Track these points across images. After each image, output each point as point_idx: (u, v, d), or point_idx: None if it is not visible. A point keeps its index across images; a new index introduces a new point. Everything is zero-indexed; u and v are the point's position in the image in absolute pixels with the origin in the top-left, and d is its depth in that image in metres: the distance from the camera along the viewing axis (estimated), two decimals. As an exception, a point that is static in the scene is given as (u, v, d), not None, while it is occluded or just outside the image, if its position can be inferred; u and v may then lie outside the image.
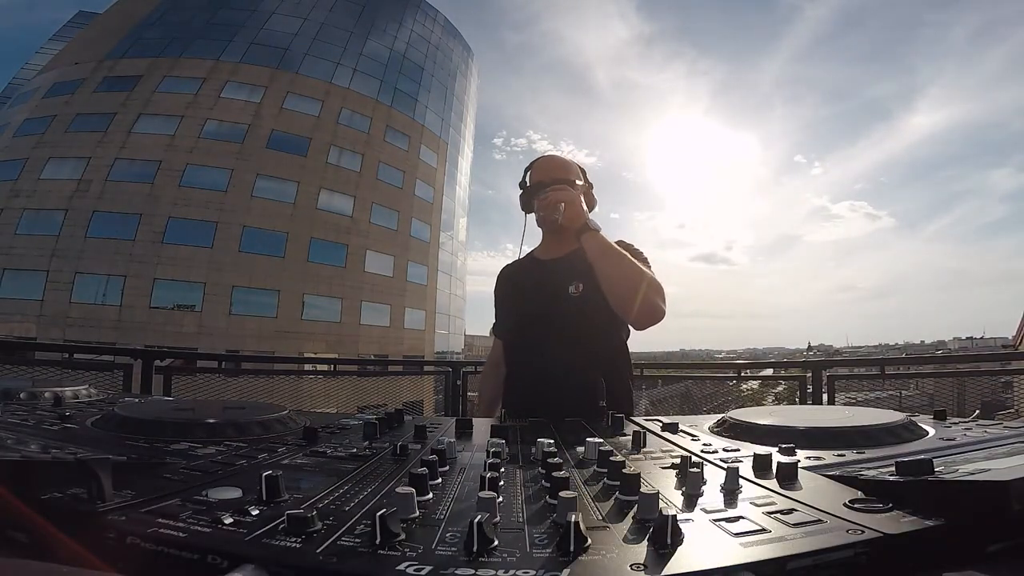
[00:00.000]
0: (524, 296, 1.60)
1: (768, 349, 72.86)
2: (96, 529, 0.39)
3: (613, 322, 1.47)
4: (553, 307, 1.50)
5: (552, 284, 1.53)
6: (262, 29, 24.14)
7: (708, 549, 0.36)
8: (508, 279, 1.71)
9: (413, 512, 0.41)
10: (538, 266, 1.64)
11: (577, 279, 1.49)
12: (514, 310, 1.63)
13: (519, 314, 1.60)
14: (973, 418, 0.85)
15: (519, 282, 1.65)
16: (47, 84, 22.63)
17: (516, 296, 1.63)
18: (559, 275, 1.53)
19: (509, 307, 1.66)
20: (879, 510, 0.42)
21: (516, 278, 1.68)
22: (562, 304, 1.49)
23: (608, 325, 1.48)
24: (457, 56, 31.66)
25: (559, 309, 1.49)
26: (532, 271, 1.64)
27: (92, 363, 3.51)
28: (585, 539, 0.35)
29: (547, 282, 1.54)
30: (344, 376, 4.56)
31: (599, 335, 1.48)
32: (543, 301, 1.53)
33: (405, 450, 0.66)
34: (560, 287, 1.51)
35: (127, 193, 19.69)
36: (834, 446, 0.66)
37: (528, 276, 1.63)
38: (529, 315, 1.55)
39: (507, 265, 1.76)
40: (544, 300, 1.53)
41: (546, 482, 0.50)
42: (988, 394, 3.71)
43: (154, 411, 0.83)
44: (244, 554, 0.34)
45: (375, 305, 23.02)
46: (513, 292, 1.66)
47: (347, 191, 23.17)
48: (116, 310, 18.88)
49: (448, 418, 1.04)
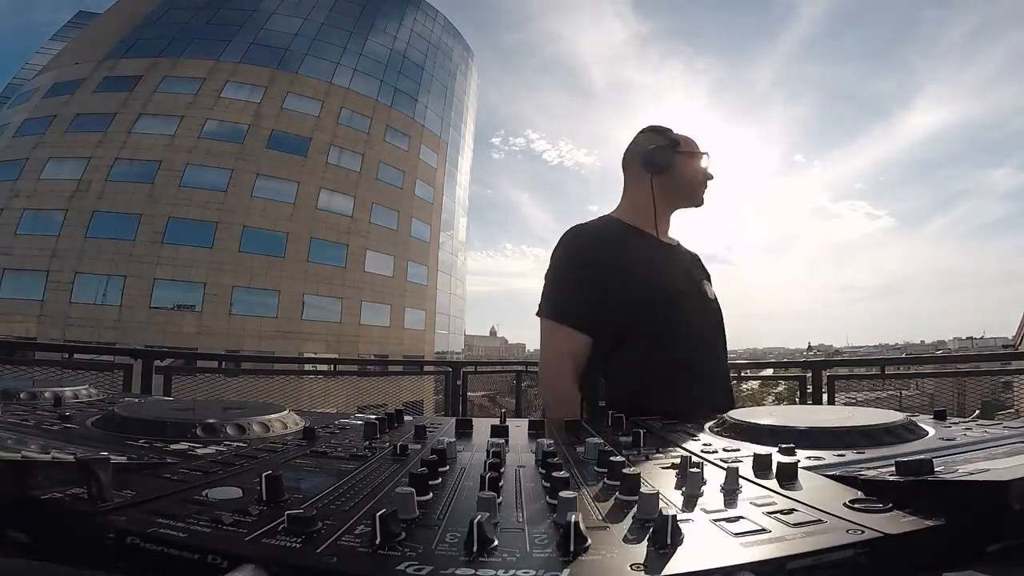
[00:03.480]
0: (666, 277, 1.30)
1: (768, 349, 72.86)
2: (96, 529, 0.39)
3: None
4: (701, 303, 1.34)
5: (689, 274, 1.35)
6: (262, 29, 24.15)
7: (708, 549, 0.36)
8: (624, 245, 1.31)
9: (413, 512, 0.41)
10: (661, 247, 1.37)
11: (703, 278, 1.41)
12: (665, 287, 1.28)
13: (671, 298, 1.27)
14: (973, 418, 0.85)
15: (648, 257, 1.32)
16: (47, 84, 22.64)
17: (655, 272, 1.29)
18: (689, 266, 1.39)
19: (648, 281, 1.27)
20: (879, 510, 0.42)
21: (636, 252, 1.31)
22: (707, 302, 1.36)
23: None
24: (457, 55, 31.67)
25: (706, 306, 1.35)
26: (656, 250, 1.35)
27: (92, 363, 3.51)
28: (585, 539, 0.35)
29: (683, 269, 1.35)
30: (344, 376, 4.57)
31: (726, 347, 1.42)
32: (694, 291, 1.33)
33: (405, 450, 0.66)
34: (698, 281, 1.37)
35: (127, 193, 19.70)
36: (834, 446, 0.66)
37: (656, 253, 1.34)
38: (685, 304, 1.28)
39: (603, 226, 1.36)
40: (694, 290, 1.33)
41: (546, 482, 0.50)
42: (988, 394, 3.72)
43: (154, 411, 0.83)
44: (244, 554, 0.34)
45: (375, 305, 23.02)
46: (647, 268, 1.29)
47: (347, 191, 23.17)
48: (116, 310, 18.88)
49: (448, 418, 1.04)
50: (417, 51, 28.38)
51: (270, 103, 22.53)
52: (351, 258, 22.65)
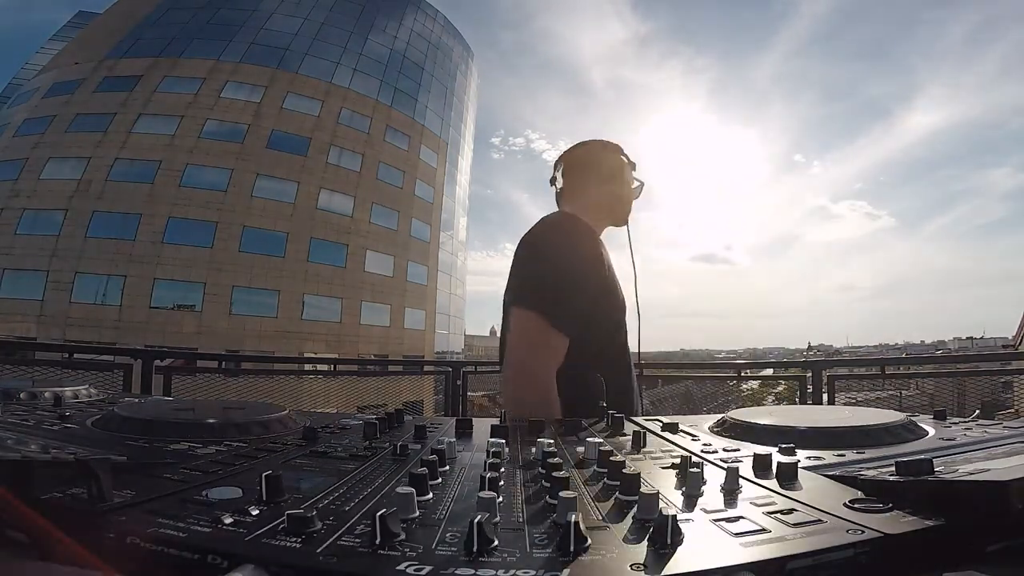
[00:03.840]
0: (617, 285, 1.34)
1: (768, 349, 72.96)
2: (96, 529, 0.39)
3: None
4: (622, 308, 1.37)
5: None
6: (262, 29, 24.15)
7: (708, 549, 0.36)
8: (600, 251, 1.33)
9: (413, 512, 0.41)
10: (606, 252, 1.38)
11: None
12: (620, 298, 1.34)
13: (621, 306, 1.34)
14: (973, 418, 0.85)
15: (608, 264, 1.34)
16: (47, 84, 22.63)
17: (614, 281, 1.34)
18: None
19: (613, 291, 1.32)
20: (879, 510, 0.42)
21: (605, 258, 1.34)
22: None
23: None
24: (457, 55, 31.67)
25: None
26: (605, 255, 1.36)
27: (92, 363, 3.51)
28: (585, 539, 0.35)
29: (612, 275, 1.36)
30: (344, 376, 4.57)
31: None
32: (622, 297, 1.36)
33: (405, 450, 0.66)
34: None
35: (127, 193, 19.70)
36: (834, 446, 0.66)
37: (606, 259, 1.35)
38: (623, 309, 1.34)
39: (586, 226, 1.34)
40: (623, 297, 1.36)
41: (546, 482, 0.50)
42: (988, 394, 3.72)
43: (154, 411, 0.83)
44: (244, 554, 0.34)
45: (375, 305, 23.02)
46: (610, 276, 1.33)
47: (347, 191, 23.17)
48: (116, 310, 18.88)
49: (448, 418, 1.04)
50: (417, 51, 28.38)
51: (270, 103, 22.53)
52: (351, 258, 22.65)
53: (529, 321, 1.19)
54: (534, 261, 1.26)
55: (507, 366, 1.22)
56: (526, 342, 1.20)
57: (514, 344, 1.21)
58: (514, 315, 1.22)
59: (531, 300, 1.20)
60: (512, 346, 1.21)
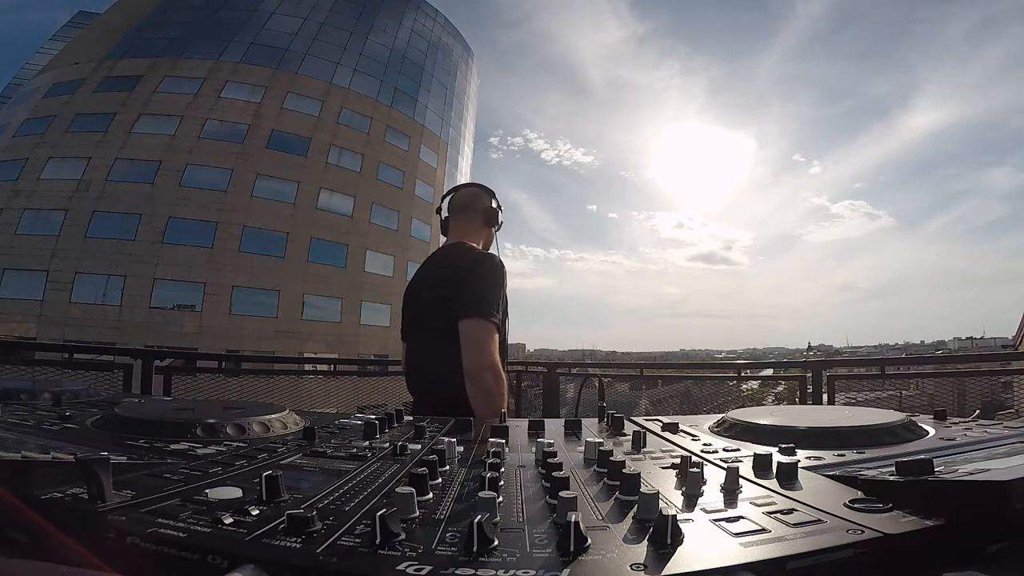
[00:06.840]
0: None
1: (768, 349, 73.01)
2: (96, 529, 0.39)
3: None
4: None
5: None
6: (262, 29, 24.14)
7: (708, 549, 0.36)
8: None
9: (413, 512, 0.41)
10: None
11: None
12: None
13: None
14: (973, 418, 0.85)
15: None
16: (47, 84, 22.63)
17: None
18: None
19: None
20: (879, 510, 0.42)
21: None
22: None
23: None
24: (457, 55, 31.67)
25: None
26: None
27: (92, 363, 3.51)
28: (585, 539, 0.35)
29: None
30: (344, 376, 4.57)
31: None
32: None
33: (405, 450, 0.66)
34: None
35: (127, 193, 19.69)
36: (834, 446, 0.66)
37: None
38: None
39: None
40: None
41: (546, 482, 0.50)
42: (988, 394, 3.71)
43: (154, 411, 0.83)
44: (244, 554, 0.34)
45: (375, 305, 23.00)
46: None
47: (347, 191, 23.16)
48: (116, 310, 18.87)
49: (448, 418, 1.04)
50: (417, 51, 28.37)
51: (270, 103, 22.52)
52: (351, 258, 22.64)
53: (488, 330, 1.48)
54: (501, 284, 1.58)
55: (487, 368, 1.45)
56: (491, 348, 1.48)
57: (491, 350, 1.47)
58: (482, 326, 1.48)
59: (488, 312, 1.49)
60: (490, 351, 1.47)
